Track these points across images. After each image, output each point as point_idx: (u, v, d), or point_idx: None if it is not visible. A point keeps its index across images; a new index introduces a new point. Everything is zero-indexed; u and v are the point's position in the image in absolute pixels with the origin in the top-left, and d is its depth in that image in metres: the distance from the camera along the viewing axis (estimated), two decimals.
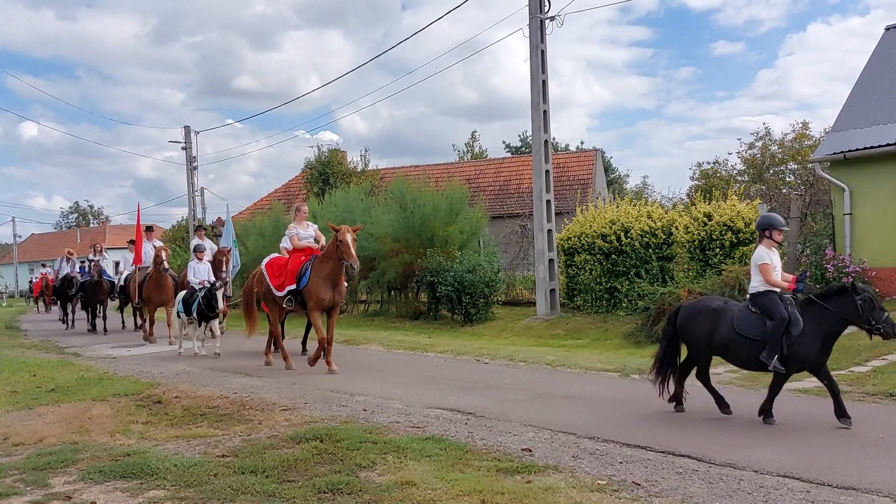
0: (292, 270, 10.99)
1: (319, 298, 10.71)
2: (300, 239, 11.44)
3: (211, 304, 13.11)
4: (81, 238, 61.91)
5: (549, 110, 16.72)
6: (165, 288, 15.93)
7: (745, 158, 31.22)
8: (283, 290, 11.01)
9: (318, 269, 10.74)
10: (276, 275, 11.25)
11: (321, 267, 10.73)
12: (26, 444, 6.72)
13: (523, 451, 6.00)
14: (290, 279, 10.96)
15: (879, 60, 17.58)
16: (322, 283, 10.66)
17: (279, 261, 11.52)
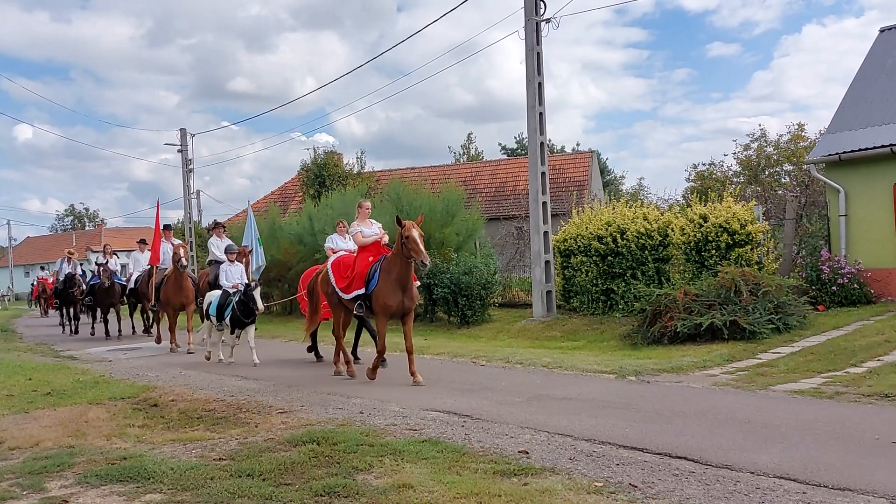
0: (360, 273, 10.07)
1: (386, 304, 9.74)
2: (364, 237, 10.56)
3: (247, 308, 12.08)
4: (77, 241, 61.78)
5: (544, 112, 16.74)
6: (185, 290, 14.93)
7: (740, 160, 31.34)
8: (351, 293, 10.14)
9: (388, 270, 9.79)
10: (343, 276, 10.34)
11: (390, 268, 9.79)
12: (22, 448, 6.70)
13: (520, 454, 6.01)
14: (359, 282, 10.04)
15: (874, 62, 17.66)
16: (391, 286, 9.70)
17: (346, 260, 10.59)
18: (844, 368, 9.40)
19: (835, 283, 14.56)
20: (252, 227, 16.99)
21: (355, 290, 10.06)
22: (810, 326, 12.56)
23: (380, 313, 9.88)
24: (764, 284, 12.51)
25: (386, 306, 9.75)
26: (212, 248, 16.16)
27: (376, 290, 9.80)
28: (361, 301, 10.00)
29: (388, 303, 9.72)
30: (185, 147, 32.62)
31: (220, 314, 12.42)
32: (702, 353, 10.96)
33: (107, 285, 18.23)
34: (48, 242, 72.15)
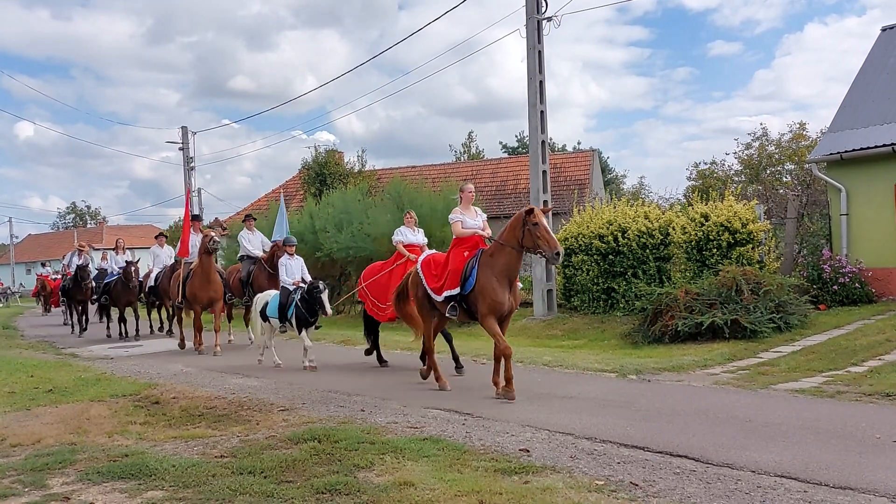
0: (455, 270, 8.73)
1: (495, 302, 8.36)
2: (465, 227, 9.15)
3: (313, 308, 11.13)
4: (78, 239, 61.81)
5: (546, 111, 16.74)
6: (214, 284, 13.72)
7: (741, 159, 31.32)
8: (443, 293, 8.80)
9: (490, 264, 8.50)
10: (434, 275, 9.07)
11: (493, 262, 8.50)
12: (24, 445, 6.71)
13: (521, 452, 6.01)
14: (453, 281, 8.72)
15: (876, 61, 17.64)
16: (497, 282, 8.40)
17: (437, 258, 9.40)
18: (845, 367, 9.41)
19: (836, 282, 14.56)
20: (283, 221, 15.80)
21: (448, 290, 8.74)
22: (811, 326, 12.56)
23: (487, 314, 8.43)
24: (765, 283, 12.51)
25: (495, 304, 8.37)
26: (243, 243, 15.25)
27: (478, 288, 8.47)
28: (455, 303, 8.72)
29: (497, 299, 8.35)
30: (186, 145, 32.63)
31: (283, 314, 11.48)
32: (703, 352, 10.96)
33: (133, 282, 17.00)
34: (50, 240, 72.18)
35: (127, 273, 17.02)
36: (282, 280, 11.69)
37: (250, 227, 15.45)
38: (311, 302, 11.07)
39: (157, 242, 17.79)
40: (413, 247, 11.11)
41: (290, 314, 11.33)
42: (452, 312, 8.79)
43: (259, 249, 15.04)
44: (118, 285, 17.46)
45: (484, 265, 8.56)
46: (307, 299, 11.12)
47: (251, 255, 14.89)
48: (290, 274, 11.73)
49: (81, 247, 20.64)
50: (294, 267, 11.86)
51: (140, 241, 50.16)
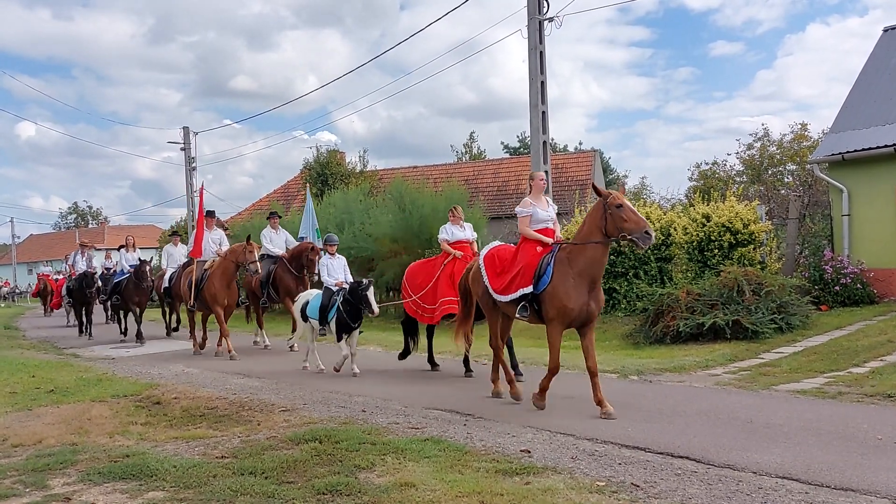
0: (529, 265, 7.66)
1: (564, 308, 7.31)
2: (536, 221, 7.94)
3: (356, 310, 10.26)
4: (80, 239, 61.90)
5: (547, 111, 16.72)
6: (233, 290, 13.26)
7: (743, 159, 31.31)
8: (511, 293, 7.75)
9: (568, 262, 7.43)
10: (498, 272, 8.01)
11: (573, 259, 7.41)
12: (25, 446, 6.72)
13: (522, 453, 6.01)
14: (524, 278, 7.64)
15: (878, 61, 17.62)
16: (574, 283, 7.31)
17: (503, 252, 8.26)
18: (847, 368, 9.40)
19: (837, 282, 14.54)
20: (311, 217, 15.00)
21: (521, 289, 7.64)
22: (813, 326, 12.54)
23: (554, 319, 7.42)
24: (767, 284, 12.50)
25: (564, 310, 7.33)
26: (264, 242, 14.36)
27: (550, 289, 7.39)
28: (527, 303, 7.62)
29: (568, 304, 7.30)
30: (187, 145, 32.64)
31: (323, 316, 10.67)
32: (704, 353, 10.95)
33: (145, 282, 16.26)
34: (51, 240, 72.28)
35: (140, 272, 16.25)
36: (324, 281, 10.87)
37: (274, 224, 14.66)
38: (355, 304, 10.16)
39: (172, 241, 17.34)
40: (462, 243, 10.56)
41: (331, 318, 10.47)
42: (523, 313, 7.72)
43: (282, 248, 14.29)
44: (129, 284, 16.74)
45: (561, 262, 7.48)
46: (350, 301, 10.22)
47: (272, 254, 14.19)
48: (332, 273, 10.83)
49: (84, 244, 19.99)
50: (336, 267, 10.97)
51: (142, 242, 50.21)
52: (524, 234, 7.95)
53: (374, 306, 10.01)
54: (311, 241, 14.26)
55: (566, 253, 7.55)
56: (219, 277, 12.99)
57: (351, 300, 10.21)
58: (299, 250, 13.81)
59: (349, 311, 10.24)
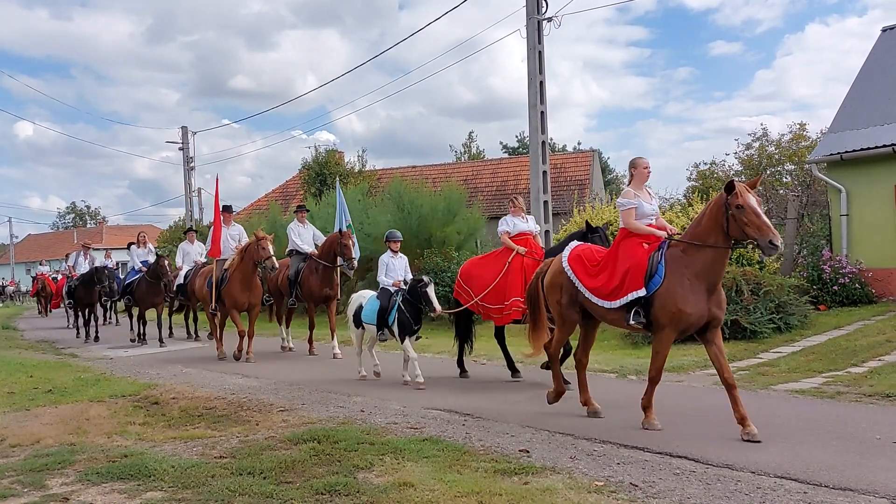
0: (638, 265, 6.71)
1: (680, 312, 6.46)
2: (641, 216, 7.04)
3: (418, 311, 9.48)
4: (78, 239, 61.84)
5: (546, 111, 16.73)
6: (255, 288, 12.51)
7: (742, 159, 31.27)
8: (619, 298, 6.75)
9: (682, 261, 6.56)
10: (593, 274, 7.09)
11: (688, 259, 6.54)
12: (23, 446, 6.72)
13: (521, 452, 6.01)
14: (635, 279, 6.66)
15: (876, 61, 17.64)
16: (691, 285, 6.47)
17: (588, 252, 7.38)
18: (846, 368, 9.40)
19: (836, 282, 14.55)
20: (343, 212, 14.12)
21: (632, 292, 6.66)
22: (811, 326, 12.55)
23: (667, 326, 6.58)
24: (765, 284, 12.50)
25: (679, 315, 6.47)
26: (292, 237, 13.56)
27: (664, 291, 6.53)
28: (639, 308, 6.68)
29: (685, 309, 6.43)
30: (186, 145, 32.65)
31: (381, 320, 9.75)
32: (703, 353, 10.91)
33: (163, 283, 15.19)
34: (49, 240, 72.19)
35: (159, 269, 15.10)
36: (380, 280, 10.00)
37: (301, 219, 13.79)
38: (415, 303, 9.42)
39: (187, 238, 16.69)
40: (524, 236, 9.80)
41: (392, 320, 9.59)
42: (637, 320, 6.72)
43: (310, 245, 13.46)
44: (143, 284, 15.58)
45: (674, 261, 6.62)
46: (410, 301, 9.47)
47: (301, 250, 13.37)
48: (390, 273, 9.95)
49: (86, 245, 19.19)
50: (398, 266, 10.06)
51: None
52: (631, 229, 6.98)
53: (435, 304, 9.28)
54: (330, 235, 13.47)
55: (679, 250, 6.65)
56: (238, 279, 12.30)
57: (411, 300, 9.44)
58: (329, 242, 13.05)
59: (410, 310, 9.46)
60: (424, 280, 9.42)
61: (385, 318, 9.67)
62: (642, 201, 7.08)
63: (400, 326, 9.50)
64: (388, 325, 9.63)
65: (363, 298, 10.24)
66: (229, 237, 13.37)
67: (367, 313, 9.92)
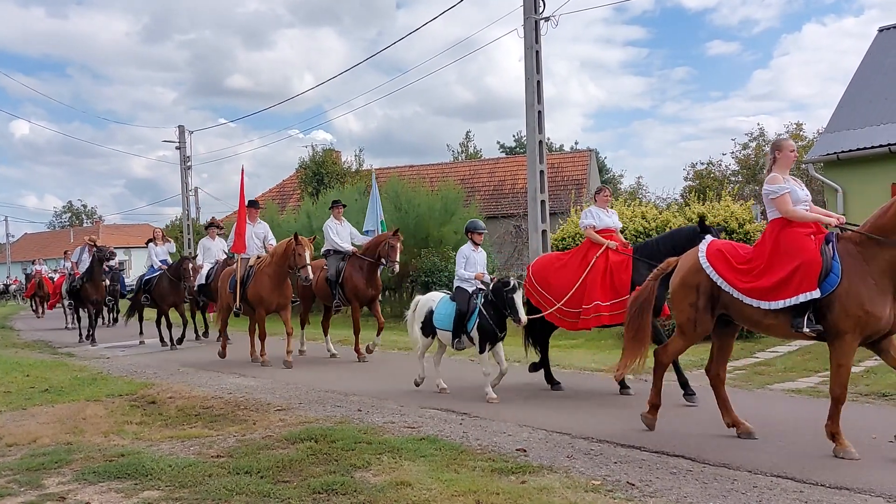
0: (810, 261, 5.76)
1: (869, 315, 5.65)
2: (796, 202, 6.09)
3: (502, 315, 8.18)
4: (75, 238, 61.72)
5: (543, 111, 16.71)
6: (285, 287, 11.73)
7: (738, 159, 31.37)
8: (783, 298, 5.84)
9: (859, 256, 5.74)
10: (743, 269, 6.14)
11: (868, 253, 5.72)
12: (20, 445, 6.71)
13: (518, 452, 6.02)
14: (806, 279, 5.74)
15: (873, 61, 17.67)
16: (876, 284, 5.65)
17: (730, 247, 6.47)
18: None
19: None
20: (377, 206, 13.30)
21: (805, 293, 5.74)
22: None
23: (850, 331, 5.74)
24: None
25: (867, 319, 5.65)
26: (329, 234, 12.52)
27: (843, 292, 5.65)
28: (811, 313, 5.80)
29: (874, 312, 5.62)
30: (183, 144, 32.56)
31: (460, 325, 8.50)
32: (699, 352, 10.92)
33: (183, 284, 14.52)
34: (46, 239, 72.06)
35: (182, 272, 14.47)
36: (459, 276, 8.77)
37: (338, 215, 12.74)
38: (500, 307, 8.13)
39: (209, 234, 15.83)
40: (609, 232, 8.83)
41: (472, 326, 8.33)
42: (811, 326, 5.81)
43: (348, 242, 12.51)
44: (163, 283, 14.88)
45: (849, 257, 5.74)
46: (494, 304, 8.19)
47: (340, 249, 12.39)
48: (470, 267, 8.76)
49: (91, 241, 18.11)
50: (479, 261, 8.88)
51: (136, 241, 50.15)
52: (792, 217, 6.01)
53: (521, 313, 7.97)
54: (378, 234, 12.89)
55: (852, 244, 5.81)
56: (268, 277, 11.58)
57: (494, 302, 8.19)
58: (377, 240, 12.22)
59: (494, 315, 8.19)
60: (512, 283, 8.05)
61: (464, 323, 8.41)
62: (794, 187, 6.16)
63: (481, 333, 8.24)
64: (468, 331, 8.37)
65: (433, 301, 8.96)
66: (254, 235, 12.58)
67: (441, 317, 8.67)
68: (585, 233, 8.94)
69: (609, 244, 8.57)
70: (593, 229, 8.82)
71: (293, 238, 11.33)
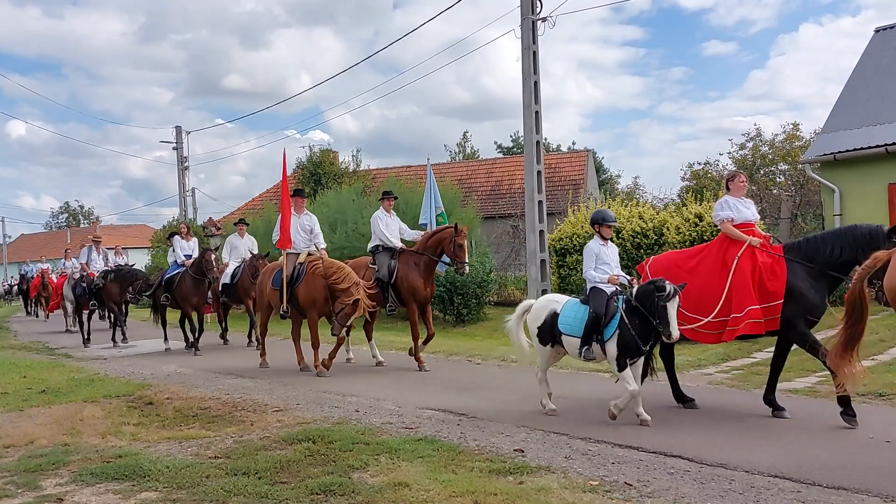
0: None
1: None
2: None
3: (650, 326, 6.74)
4: (72, 238, 61.59)
5: (540, 111, 16.73)
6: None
7: (735, 159, 31.36)
8: None
9: None
10: None
11: None
12: (17, 446, 6.69)
13: (515, 452, 6.02)
14: None
15: (869, 62, 17.72)
16: None
17: None
18: None
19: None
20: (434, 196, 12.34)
21: None
22: None
23: None
24: None
25: None
26: (379, 228, 11.26)
27: None
28: None
29: None
30: (180, 145, 32.58)
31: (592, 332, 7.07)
32: (697, 353, 10.97)
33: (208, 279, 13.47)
34: (43, 240, 71.93)
35: (205, 264, 13.39)
36: (589, 277, 7.39)
37: (388, 207, 11.45)
38: (647, 316, 6.73)
39: (237, 230, 15.02)
40: (748, 226, 7.47)
41: (610, 335, 6.90)
42: None
43: (398, 238, 11.35)
44: (187, 281, 13.76)
45: None
46: (639, 311, 6.79)
47: (389, 244, 11.19)
48: (602, 267, 7.36)
49: (97, 239, 17.38)
50: (611, 257, 7.49)
51: (133, 241, 50.06)
52: None
53: (673, 326, 6.58)
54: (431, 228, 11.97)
55: None
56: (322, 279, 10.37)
57: (640, 309, 6.78)
58: (439, 237, 10.91)
59: (639, 325, 6.79)
60: (669, 289, 6.59)
61: (600, 330, 7.00)
62: None
63: (621, 346, 6.84)
64: (604, 340, 6.98)
65: (556, 303, 7.56)
66: (300, 227, 11.28)
67: (570, 321, 7.27)
68: (722, 227, 7.51)
69: (752, 241, 7.23)
70: (731, 223, 7.36)
71: None
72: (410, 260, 10.97)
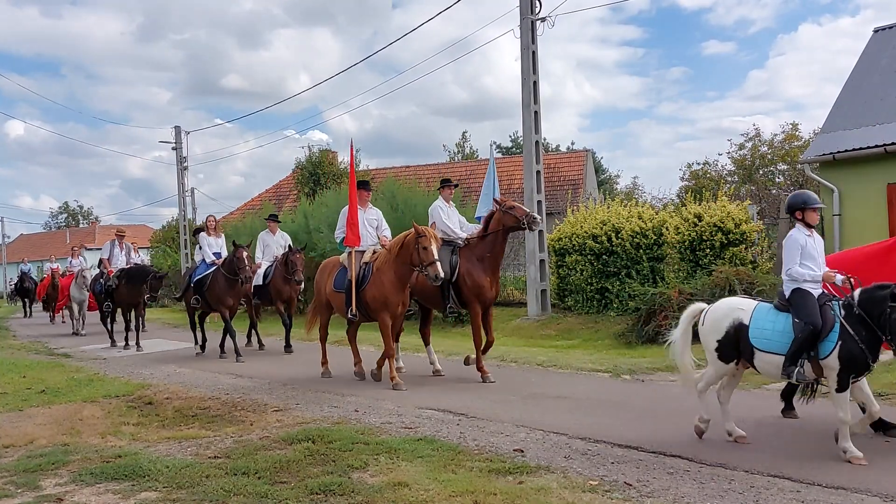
0: None
1: None
2: None
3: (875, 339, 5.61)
4: (71, 238, 61.57)
5: (539, 111, 16.74)
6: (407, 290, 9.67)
7: (735, 159, 31.42)
8: None
9: None
10: None
11: None
12: (17, 446, 6.70)
13: (515, 452, 6.02)
14: None
15: (868, 62, 17.72)
16: None
17: None
18: None
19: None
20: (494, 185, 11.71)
21: None
22: None
23: None
24: (758, 283, 12.54)
25: None
26: (440, 217, 10.24)
27: None
28: None
29: None
30: (179, 145, 32.50)
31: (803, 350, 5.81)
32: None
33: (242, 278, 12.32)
34: (42, 240, 71.90)
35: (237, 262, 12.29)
36: (795, 276, 6.15)
37: (448, 196, 10.42)
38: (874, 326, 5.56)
39: (269, 227, 14.22)
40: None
41: (831, 350, 5.66)
42: None
43: (459, 229, 10.22)
44: (219, 281, 12.70)
45: None
46: (864, 319, 5.59)
47: (451, 236, 10.04)
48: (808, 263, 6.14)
49: (121, 232, 16.40)
50: (817, 250, 6.24)
51: (133, 241, 50.00)
52: None
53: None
54: None
55: None
56: (390, 276, 9.40)
57: (864, 314, 5.60)
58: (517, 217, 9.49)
59: (866, 337, 5.59)
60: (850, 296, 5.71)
61: (814, 343, 5.75)
62: None
63: (846, 360, 5.61)
64: (820, 357, 5.73)
65: (741, 311, 6.32)
66: (367, 223, 10.48)
67: (767, 334, 6.02)
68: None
69: None
70: None
71: (413, 229, 9.25)
72: (471, 255, 9.73)
